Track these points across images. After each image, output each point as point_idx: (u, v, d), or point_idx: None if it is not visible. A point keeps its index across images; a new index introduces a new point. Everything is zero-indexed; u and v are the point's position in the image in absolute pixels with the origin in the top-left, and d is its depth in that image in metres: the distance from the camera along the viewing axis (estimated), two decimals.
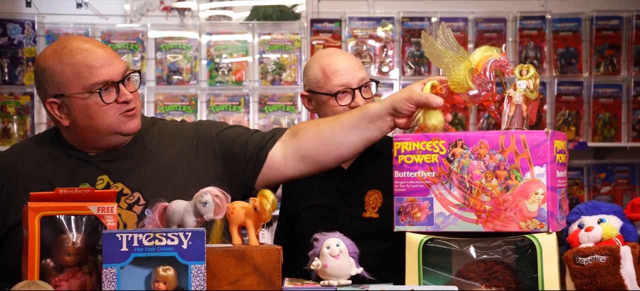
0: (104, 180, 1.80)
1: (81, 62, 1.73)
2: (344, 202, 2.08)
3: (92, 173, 1.80)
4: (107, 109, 1.74)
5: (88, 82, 1.72)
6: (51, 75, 1.74)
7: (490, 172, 1.56)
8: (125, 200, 1.79)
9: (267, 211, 1.59)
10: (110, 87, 1.74)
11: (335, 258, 1.56)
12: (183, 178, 1.83)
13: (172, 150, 1.86)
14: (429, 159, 1.60)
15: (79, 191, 1.52)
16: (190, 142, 1.89)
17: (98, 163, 1.82)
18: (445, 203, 1.59)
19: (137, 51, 3.75)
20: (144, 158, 1.84)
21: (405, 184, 1.62)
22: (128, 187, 1.80)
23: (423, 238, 1.57)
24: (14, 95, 3.69)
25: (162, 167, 1.83)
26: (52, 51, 1.77)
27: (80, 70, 1.72)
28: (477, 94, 1.64)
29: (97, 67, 1.73)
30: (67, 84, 1.73)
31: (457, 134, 1.60)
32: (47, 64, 1.76)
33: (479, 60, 1.63)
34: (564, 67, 3.87)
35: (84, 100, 1.73)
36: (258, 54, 3.82)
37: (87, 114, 1.74)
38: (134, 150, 1.84)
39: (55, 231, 1.51)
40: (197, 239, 1.44)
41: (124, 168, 1.82)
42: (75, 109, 1.75)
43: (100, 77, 1.73)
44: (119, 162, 1.82)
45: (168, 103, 3.76)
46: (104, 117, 1.74)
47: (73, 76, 1.73)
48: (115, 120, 1.75)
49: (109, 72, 1.74)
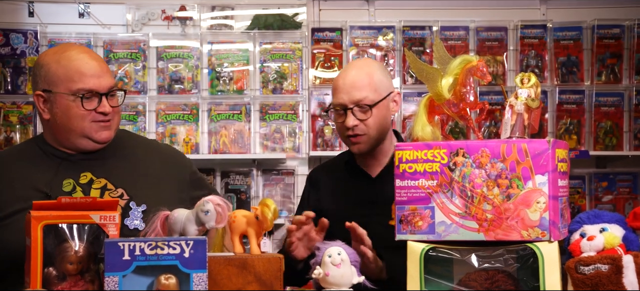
0: (87, 176, 1.92)
1: (74, 67, 1.88)
2: (372, 210, 2.08)
3: (76, 170, 1.92)
4: (84, 114, 1.88)
5: (75, 86, 1.87)
6: (46, 72, 1.90)
7: (492, 180, 1.56)
8: (110, 194, 1.90)
9: (268, 220, 1.60)
10: (93, 97, 1.88)
11: (336, 266, 1.56)
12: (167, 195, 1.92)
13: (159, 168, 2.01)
14: (430, 168, 1.60)
15: (81, 200, 1.53)
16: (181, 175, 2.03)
17: (80, 162, 1.93)
18: (446, 212, 1.59)
19: (139, 60, 3.76)
20: (128, 162, 1.98)
21: (407, 193, 1.62)
22: (112, 182, 1.92)
23: (425, 247, 1.57)
24: (16, 104, 3.70)
25: (148, 177, 1.96)
26: (53, 52, 1.94)
27: (71, 74, 1.87)
28: (455, 104, 1.68)
29: (87, 75, 1.88)
30: (56, 83, 1.88)
31: (458, 143, 1.60)
32: (45, 61, 1.92)
33: (457, 71, 1.68)
34: (565, 75, 3.88)
35: (67, 101, 1.88)
36: (259, 63, 3.82)
37: (66, 114, 1.88)
38: (117, 153, 1.98)
39: (58, 240, 1.51)
40: (199, 248, 1.45)
41: (107, 166, 1.94)
42: (57, 106, 1.89)
43: (86, 85, 1.88)
44: (102, 161, 1.95)
45: (170, 112, 3.77)
46: (80, 120, 1.88)
47: (64, 77, 1.87)
48: (89, 126, 1.89)
49: (96, 83, 1.88)
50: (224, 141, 3.79)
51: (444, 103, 1.71)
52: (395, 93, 2.15)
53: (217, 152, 3.77)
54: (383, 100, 2.09)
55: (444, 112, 1.73)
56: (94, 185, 1.91)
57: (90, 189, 1.90)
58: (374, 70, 2.12)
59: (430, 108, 1.76)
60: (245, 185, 3.81)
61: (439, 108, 1.74)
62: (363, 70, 2.11)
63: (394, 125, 2.61)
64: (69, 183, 1.90)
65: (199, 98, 3.79)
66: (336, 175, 2.18)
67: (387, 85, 2.13)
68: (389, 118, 2.14)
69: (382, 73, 2.14)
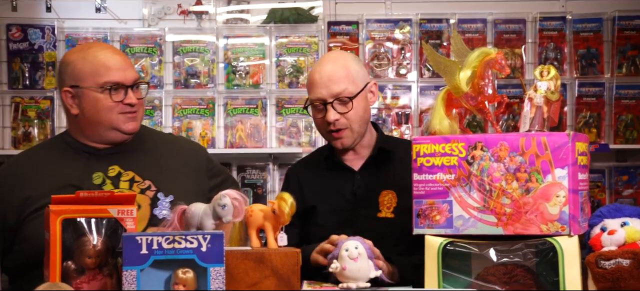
0: (115, 169, 1.99)
1: (100, 62, 1.95)
2: (358, 204, 2.07)
3: (103, 164, 1.99)
4: (112, 106, 1.95)
5: (102, 79, 1.95)
6: (72, 69, 1.98)
7: (511, 174, 1.55)
8: (138, 186, 1.97)
9: (285, 214, 1.60)
10: (119, 89, 1.95)
11: (354, 260, 1.56)
12: (188, 187, 1.99)
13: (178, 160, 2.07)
14: (448, 162, 1.60)
15: (99, 194, 1.54)
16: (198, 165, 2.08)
17: (107, 156, 2.00)
18: (464, 206, 1.58)
19: (155, 55, 3.77)
20: (151, 156, 2.04)
21: (424, 187, 1.62)
22: (139, 175, 1.99)
23: (442, 241, 1.57)
24: (34, 99, 3.74)
25: (170, 170, 2.03)
26: (79, 49, 2.04)
27: (97, 68, 1.95)
28: (473, 97, 1.67)
29: (113, 69, 1.95)
30: (83, 78, 1.96)
31: (476, 136, 1.59)
32: (70, 59, 2.00)
33: (475, 63, 1.67)
34: (585, 68, 3.84)
35: (95, 94, 1.95)
36: (275, 57, 3.82)
37: (94, 107, 1.96)
38: (140, 147, 2.04)
39: (76, 234, 1.53)
40: (216, 242, 1.45)
41: (133, 160, 2.01)
42: (85, 101, 1.96)
43: (112, 77, 1.95)
44: (128, 154, 2.01)
45: (186, 107, 3.78)
46: (108, 112, 1.95)
47: (90, 72, 1.95)
48: (116, 117, 1.96)
49: (122, 75, 1.96)
50: (240, 135, 3.79)
51: (462, 96, 1.70)
52: (372, 83, 2.12)
53: (233, 146, 3.78)
54: (361, 92, 2.06)
55: (462, 105, 1.72)
56: (123, 177, 1.98)
57: (119, 181, 1.97)
58: (349, 62, 2.09)
59: (448, 102, 1.75)
60: (261, 180, 3.82)
61: (457, 102, 1.73)
62: (338, 63, 2.07)
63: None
64: (98, 177, 1.97)
65: (215, 93, 3.80)
66: (317, 172, 2.14)
67: (363, 76, 2.10)
68: (369, 110, 2.11)
69: (358, 64, 2.11)
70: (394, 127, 3.83)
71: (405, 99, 3.84)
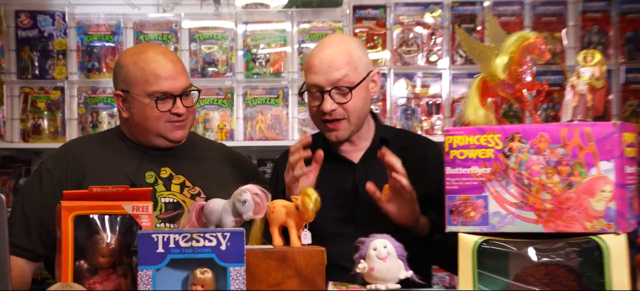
0: (167, 171, 2.11)
1: (150, 69, 2.06)
2: (360, 198, 2.05)
3: (156, 164, 2.11)
4: (159, 116, 2.06)
5: (151, 88, 2.05)
6: (125, 73, 2.10)
7: (551, 167, 1.54)
8: (188, 191, 2.09)
9: (309, 210, 1.60)
10: (167, 98, 2.06)
11: (382, 260, 1.56)
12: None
13: (228, 170, 2.18)
14: (483, 154, 1.59)
15: (113, 190, 1.55)
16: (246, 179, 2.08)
17: (159, 157, 2.12)
18: (501, 202, 1.57)
19: (171, 42, 3.80)
20: (201, 163, 2.17)
21: (458, 181, 1.61)
22: (189, 180, 2.10)
23: (478, 239, 1.56)
24: (44, 89, 3.78)
25: (218, 179, 2.12)
26: (133, 52, 2.14)
27: (147, 76, 2.06)
28: (511, 85, 1.66)
29: (162, 78, 2.05)
30: (133, 84, 2.08)
31: (514, 127, 1.58)
32: (125, 62, 2.12)
33: (512, 49, 1.66)
34: (632, 52, 3.78)
35: (143, 102, 2.07)
36: (297, 44, 3.82)
37: (142, 114, 2.08)
38: (191, 153, 2.17)
39: (89, 232, 1.54)
40: (236, 240, 1.46)
41: (184, 164, 2.13)
42: (134, 107, 2.09)
43: (161, 87, 2.05)
44: (179, 159, 2.14)
45: (203, 97, 3.80)
46: (155, 121, 2.07)
47: (141, 79, 2.06)
48: (164, 126, 2.07)
49: (171, 85, 2.06)
50: (260, 127, 3.81)
51: (498, 84, 1.69)
52: (375, 72, 2.07)
53: (253, 139, 3.79)
54: (363, 81, 2.02)
55: (498, 93, 1.72)
56: (174, 180, 2.10)
57: (171, 184, 2.09)
58: (353, 47, 2.03)
59: (482, 90, 1.74)
60: None
61: (493, 90, 1.72)
62: (341, 48, 2.02)
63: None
64: (151, 176, 2.08)
65: (233, 82, 3.81)
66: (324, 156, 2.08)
67: (366, 64, 2.05)
68: (369, 101, 2.06)
69: (362, 50, 2.06)
70: (423, 117, 3.81)
71: (436, 88, 3.82)
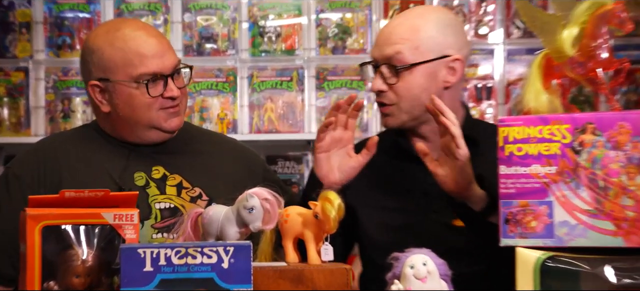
0: (159, 171, 2.11)
1: (133, 49, 2.03)
2: (430, 207, 2.06)
3: (147, 164, 2.10)
4: (150, 102, 2.04)
5: (136, 71, 2.03)
6: (99, 58, 2.06)
7: (634, 166, 1.54)
8: (187, 193, 2.09)
9: (331, 219, 1.60)
10: (158, 80, 2.04)
11: (421, 281, 1.56)
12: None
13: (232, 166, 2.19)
14: (547, 150, 1.59)
15: (89, 194, 1.56)
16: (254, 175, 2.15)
17: (150, 155, 2.12)
18: (570, 209, 1.57)
19: (159, 13, 3.82)
20: (200, 159, 2.16)
21: (515, 183, 1.61)
22: (187, 180, 2.11)
23: (540, 255, 1.56)
24: (3, 71, 3.80)
25: (222, 176, 2.13)
26: (104, 32, 2.09)
27: (130, 57, 2.03)
28: (582, 63, 1.66)
29: (149, 56, 2.03)
30: (113, 69, 2.04)
31: (585, 116, 1.58)
32: (96, 45, 2.07)
33: (584, 18, 1.66)
34: None
35: (129, 89, 2.04)
36: (315, 14, 3.83)
37: (129, 104, 2.05)
38: (187, 147, 2.16)
39: (61, 246, 1.55)
40: (242, 255, 1.46)
41: (180, 162, 2.13)
42: (117, 97, 2.05)
43: (149, 68, 2.03)
44: (173, 155, 2.13)
45: (199, 80, 3.82)
46: (146, 110, 2.05)
47: (122, 62, 2.03)
48: (157, 115, 2.06)
49: (160, 63, 2.04)
50: (269, 117, 3.82)
51: (566, 62, 1.69)
52: (453, 58, 2.07)
53: (261, 131, 3.80)
54: (425, 64, 2.04)
55: (566, 74, 1.71)
56: (169, 181, 2.10)
57: (165, 185, 2.09)
58: (427, 22, 2.07)
59: (546, 70, 1.74)
60: (297, 174, 3.84)
61: (559, 70, 1.72)
62: (410, 21, 2.08)
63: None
64: (140, 177, 2.08)
65: (237, 62, 3.82)
66: (377, 156, 2.05)
67: (440, 45, 2.07)
68: (434, 90, 2.05)
69: (438, 29, 2.08)
70: (471, 104, 3.81)
71: (486, 67, 3.82)
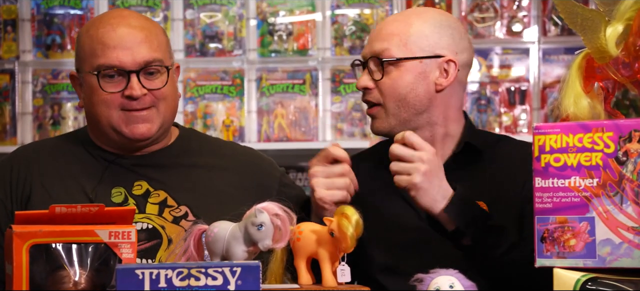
0: (142, 186, 2.06)
1: (98, 38, 2.00)
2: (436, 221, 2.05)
3: (128, 178, 2.06)
4: (107, 100, 2.00)
5: (96, 61, 2.00)
6: (78, 46, 2.06)
7: None
8: (171, 212, 2.03)
9: (348, 237, 1.60)
10: (120, 76, 1.99)
11: None
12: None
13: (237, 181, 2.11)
14: (588, 160, 1.59)
15: (83, 209, 1.56)
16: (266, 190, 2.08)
17: (133, 167, 2.08)
18: (613, 226, 1.57)
19: (158, 9, 3.83)
20: (194, 172, 2.10)
21: (552, 197, 1.61)
22: (173, 197, 2.05)
23: (581, 277, 1.56)
24: None
25: (221, 194, 2.07)
26: (93, 19, 2.14)
27: (95, 46, 2.00)
28: (627, 64, 1.66)
29: (110, 47, 1.99)
30: (82, 59, 2.04)
31: (631, 122, 1.57)
32: (81, 31, 2.09)
33: (630, 14, 1.66)
34: None
35: (91, 81, 2.01)
36: (330, 10, 3.84)
37: (90, 99, 2.03)
38: (180, 159, 2.10)
39: (51, 267, 1.56)
40: (250, 277, 1.46)
41: (167, 176, 2.07)
42: (85, 90, 2.05)
43: (108, 60, 1.99)
44: (161, 168, 2.08)
45: (202, 83, 3.83)
46: (105, 108, 2.01)
47: (89, 51, 2.02)
48: (117, 116, 2.01)
49: (122, 56, 1.98)
50: (280, 124, 3.82)
51: (610, 63, 1.69)
52: (446, 59, 2.07)
53: (270, 139, 3.81)
54: (413, 61, 2.05)
55: (609, 76, 1.71)
56: (151, 198, 2.04)
57: (147, 203, 2.03)
58: (422, 20, 2.09)
59: (587, 72, 1.74)
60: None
61: (602, 71, 1.72)
62: (405, 19, 2.13)
63: None
64: (118, 193, 2.03)
65: (244, 63, 3.83)
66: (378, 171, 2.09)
67: (433, 45, 2.08)
68: (420, 93, 2.07)
69: (433, 28, 2.09)
70: (503, 109, 3.80)
71: (520, 69, 3.81)
